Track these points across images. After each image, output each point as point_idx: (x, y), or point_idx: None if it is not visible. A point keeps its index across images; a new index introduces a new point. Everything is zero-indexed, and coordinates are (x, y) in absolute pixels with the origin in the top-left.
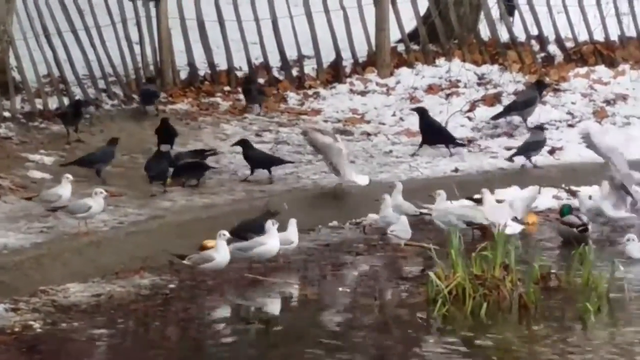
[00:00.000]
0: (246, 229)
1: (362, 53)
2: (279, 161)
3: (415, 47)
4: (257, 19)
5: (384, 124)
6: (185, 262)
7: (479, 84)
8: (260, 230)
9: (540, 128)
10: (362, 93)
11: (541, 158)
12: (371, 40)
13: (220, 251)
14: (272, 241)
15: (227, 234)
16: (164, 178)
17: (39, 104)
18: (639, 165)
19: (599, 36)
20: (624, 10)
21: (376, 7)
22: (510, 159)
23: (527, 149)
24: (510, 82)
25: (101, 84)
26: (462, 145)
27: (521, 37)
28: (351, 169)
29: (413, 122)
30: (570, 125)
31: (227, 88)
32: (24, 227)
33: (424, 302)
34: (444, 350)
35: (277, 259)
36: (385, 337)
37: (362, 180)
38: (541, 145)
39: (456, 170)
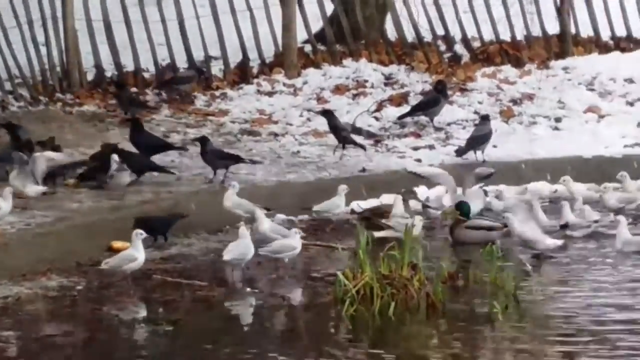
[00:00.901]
0: (151, 226)
1: (269, 54)
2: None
3: (322, 47)
4: (163, 20)
5: (291, 124)
6: (103, 267)
7: (386, 84)
8: (166, 229)
9: (486, 118)
10: (270, 94)
11: (448, 157)
12: (278, 41)
13: (140, 250)
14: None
15: (144, 234)
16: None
17: None
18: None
19: (505, 36)
20: (529, 10)
21: (283, 7)
22: (458, 155)
23: (473, 143)
24: (417, 82)
25: (7, 85)
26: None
27: (428, 37)
28: None
29: (321, 122)
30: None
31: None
32: None
33: (332, 302)
34: (352, 349)
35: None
36: (292, 337)
37: None
38: (487, 138)
39: (364, 170)
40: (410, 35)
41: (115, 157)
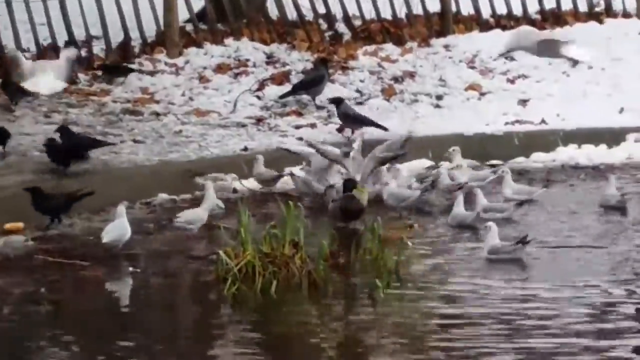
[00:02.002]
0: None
1: (150, 33)
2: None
3: (204, 26)
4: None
5: (173, 103)
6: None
7: (267, 63)
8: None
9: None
10: (151, 73)
11: (330, 136)
12: (160, 20)
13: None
14: None
15: None
16: None
17: None
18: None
19: (386, 14)
20: None
21: None
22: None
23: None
24: (298, 60)
25: None
26: None
27: (309, 15)
28: None
29: (202, 102)
30: (359, 103)
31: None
32: None
33: (214, 281)
34: (234, 328)
35: None
36: (175, 316)
37: None
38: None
39: (245, 149)
40: (291, 14)
41: None
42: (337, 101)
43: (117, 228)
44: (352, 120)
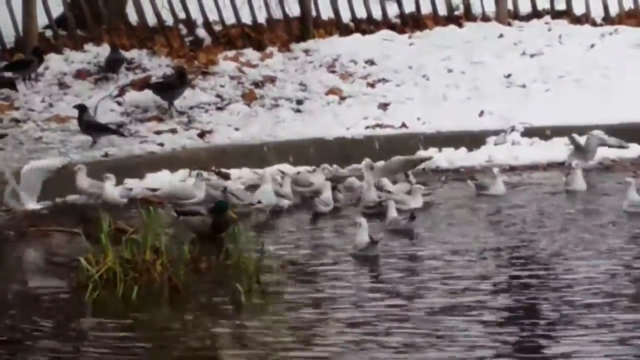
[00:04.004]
0: None
1: (9, 39)
2: None
3: (64, 32)
4: None
5: (33, 110)
6: None
7: (128, 69)
8: None
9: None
10: (11, 80)
11: (190, 141)
12: (18, 26)
13: None
14: None
15: None
16: None
17: None
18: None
19: (246, 19)
20: None
21: None
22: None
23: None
24: (159, 66)
25: None
26: None
27: (169, 21)
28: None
29: (63, 108)
30: (220, 108)
31: None
32: None
33: (75, 288)
34: (97, 334)
35: None
36: (35, 322)
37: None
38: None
39: (106, 155)
40: (151, 20)
41: None
42: (80, 108)
43: None
44: (95, 128)
